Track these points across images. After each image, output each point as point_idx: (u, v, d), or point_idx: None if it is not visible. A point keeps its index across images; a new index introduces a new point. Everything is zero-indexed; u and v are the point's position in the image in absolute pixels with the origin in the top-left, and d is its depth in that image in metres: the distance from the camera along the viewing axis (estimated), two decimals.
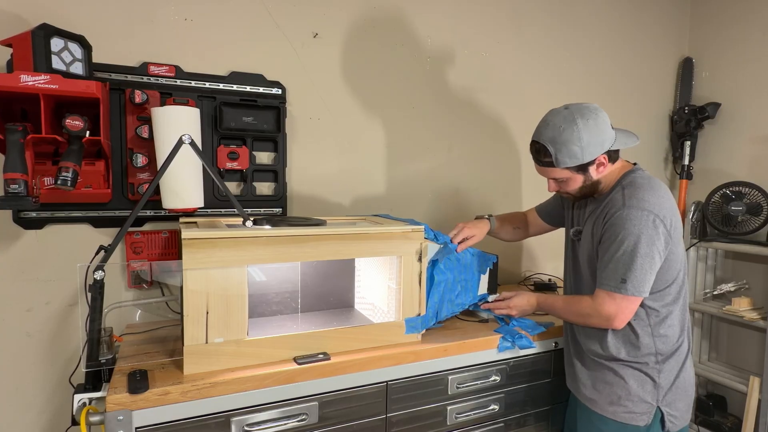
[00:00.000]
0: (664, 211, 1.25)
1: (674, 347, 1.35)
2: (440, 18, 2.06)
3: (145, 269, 1.59)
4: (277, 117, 1.71)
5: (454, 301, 1.55)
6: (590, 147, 1.29)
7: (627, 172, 1.37)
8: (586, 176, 1.34)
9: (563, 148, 1.30)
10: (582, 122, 1.29)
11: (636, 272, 1.25)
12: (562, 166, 1.32)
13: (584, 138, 1.28)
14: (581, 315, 1.36)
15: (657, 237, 1.24)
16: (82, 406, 1.15)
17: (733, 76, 2.48)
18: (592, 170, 1.33)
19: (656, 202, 1.26)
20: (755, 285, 2.36)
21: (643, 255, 1.24)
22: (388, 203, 2.01)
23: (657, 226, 1.24)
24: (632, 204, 1.26)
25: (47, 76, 1.24)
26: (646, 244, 1.24)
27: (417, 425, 1.42)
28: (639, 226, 1.24)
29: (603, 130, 1.30)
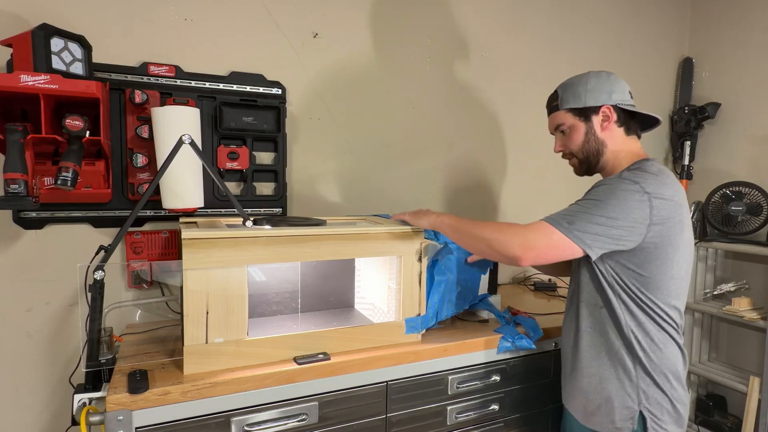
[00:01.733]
0: (660, 193, 1.11)
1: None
2: (440, 18, 2.06)
3: (145, 269, 1.59)
4: (277, 117, 1.71)
5: (455, 301, 1.55)
6: (595, 92, 1.25)
7: (641, 160, 1.24)
8: (589, 127, 1.26)
9: (569, 89, 1.28)
10: (594, 73, 1.28)
11: (588, 222, 1.11)
12: (565, 106, 1.28)
13: (591, 82, 1.26)
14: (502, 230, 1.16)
15: (633, 205, 1.10)
16: (82, 406, 1.15)
17: (733, 76, 2.48)
18: (596, 122, 1.26)
19: (655, 184, 1.12)
20: (755, 285, 2.36)
21: (605, 212, 1.10)
22: (388, 203, 2.01)
23: (641, 199, 1.10)
24: (625, 176, 1.15)
25: (47, 76, 1.24)
26: (614, 204, 1.10)
27: (417, 425, 1.42)
28: (616, 189, 1.12)
29: (613, 84, 1.26)
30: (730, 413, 2.42)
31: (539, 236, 1.13)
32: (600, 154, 1.28)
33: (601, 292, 1.21)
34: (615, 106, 1.25)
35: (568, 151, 1.33)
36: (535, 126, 2.30)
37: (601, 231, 1.10)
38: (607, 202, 1.11)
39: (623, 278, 1.16)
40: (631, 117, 1.28)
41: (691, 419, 2.51)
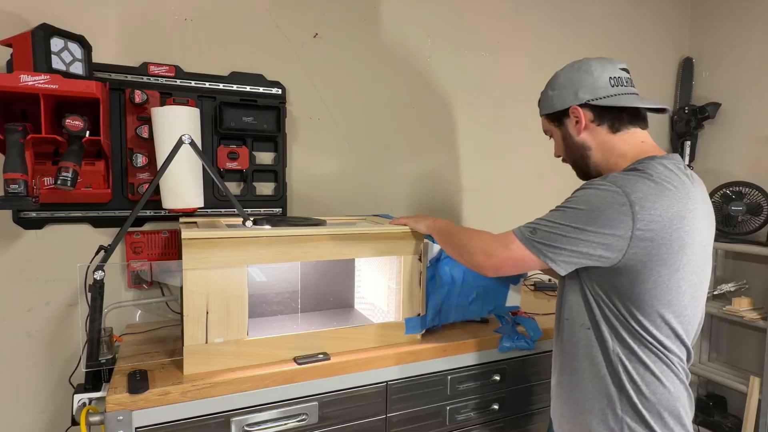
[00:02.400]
0: (650, 201, 0.93)
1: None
2: (440, 18, 2.06)
3: (145, 269, 1.59)
4: (277, 117, 1.71)
5: (468, 307, 1.52)
6: (561, 91, 1.11)
7: (643, 158, 1.03)
8: (564, 132, 1.14)
9: (543, 92, 1.18)
10: (568, 67, 1.13)
11: (553, 233, 0.98)
12: (541, 113, 1.20)
13: (559, 80, 1.13)
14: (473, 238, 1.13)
15: (612, 215, 0.93)
16: (82, 406, 1.15)
17: (733, 76, 2.48)
18: (570, 125, 1.12)
19: (646, 190, 0.94)
20: (755, 285, 2.36)
21: (576, 224, 0.95)
22: (388, 203, 2.01)
23: (621, 208, 0.92)
24: (610, 179, 0.98)
25: (47, 76, 1.24)
26: (589, 215, 0.94)
27: (417, 425, 1.42)
28: (596, 195, 0.96)
29: (582, 78, 1.08)
30: (730, 413, 2.42)
31: (500, 246, 1.06)
32: (586, 158, 1.12)
33: (587, 311, 1.04)
34: (585, 105, 1.08)
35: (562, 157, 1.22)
36: (536, 125, 2.30)
37: (566, 243, 0.97)
38: (578, 210, 0.97)
39: (611, 298, 1.00)
40: (613, 110, 1.08)
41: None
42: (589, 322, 1.04)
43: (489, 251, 1.07)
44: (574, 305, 1.07)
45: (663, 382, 0.99)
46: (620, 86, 1.08)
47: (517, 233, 1.05)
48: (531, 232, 1.02)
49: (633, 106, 1.08)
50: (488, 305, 1.56)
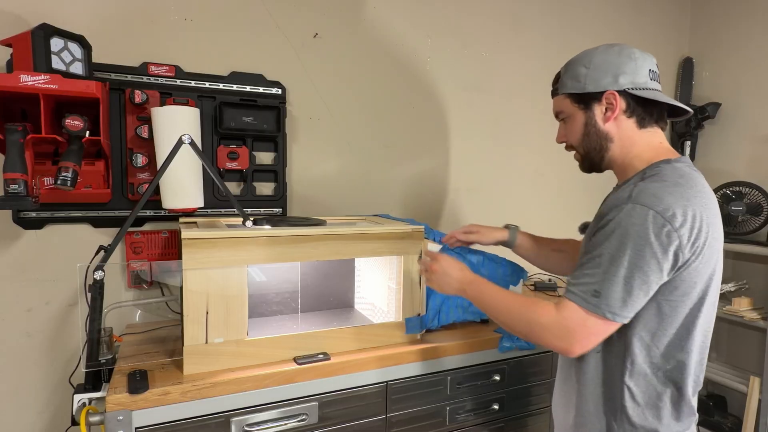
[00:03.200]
0: (685, 215, 0.89)
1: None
2: (440, 18, 2.06)
3: (145, 269, 1.59)
4: (277, 117, 1.71)
5: (468, 308, 1.52)
6: (598, 71, 1.01)
7: (663, 160, 0.99)
8: (589, 117, 1.04)
9: (570, 69, 1.06)
10: (604, 47, 1.02)
11: (615, 287, 0.91)
12: (562, 91, 1.07)
13: (595, 59, 1.02)
14: (531, 323, 0.99)
15: (658, 245, 0.88)
16: (81, 406, 1.15)
17: (733, 76, 2.48)
18: (598, 111, 1.03)
19: (673, 200, 0.89)
20: (755, 285, 2.36)
21: (632, 268, 0.90)
22: (388, 203, 2.01)
23: (661, 230, 0.88)
24: (638, 199, 0.91)
25: (47, 76, 1.24)
26: (638, 252, 0.89)
27: (417, 425, 1.42)
28: (635, 225, 0.90)
29: (624, 63, 1.00)
30: (730, 413, 2.42)
31: (574, 326, 0.94)
32: (603, 150, 1.05)
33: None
34: (623, 92, 1.01)
35: (569, 144, 1.11)
36: (536, 125, 2.30)
37: (635, 294, 0.91)
38: (627, 252, 0.90)
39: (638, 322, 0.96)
40: (647, 105, 1.02)
41: None
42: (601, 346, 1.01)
43: (570, 336, 0.94)
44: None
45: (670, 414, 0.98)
46: (656, 81, 1.03)
47: (582, 304, 0.93)
48: (595, 296, 0.92)
49: (667, 103, 1.03)
50: None
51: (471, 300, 1.14)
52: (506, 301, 1.05)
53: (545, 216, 2.36)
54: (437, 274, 1.19)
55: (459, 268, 1.18)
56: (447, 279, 1.17)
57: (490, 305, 1.08)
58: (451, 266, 1.18)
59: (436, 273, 1.19)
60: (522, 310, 1.01)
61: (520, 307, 1.02)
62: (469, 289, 1.13)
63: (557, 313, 0.96)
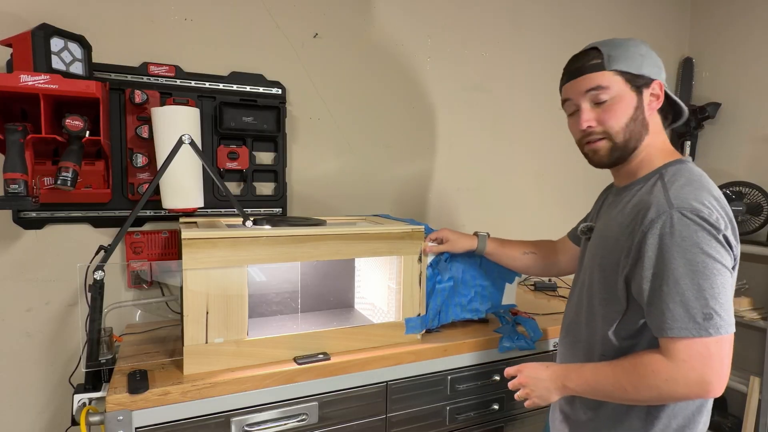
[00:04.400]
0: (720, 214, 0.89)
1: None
2: (440, 18, 2.06)
3: (145, 269, 1.59)
4: (277, 117, 1.71)
5: (466, 306, 1.53)
6: (650, 59, 0.99)
7: (677, 160, 1.00)
8: (640, 102, 0.99)
9: (618, 48, 0.99)
10: (638, 40, 1.03)
11: (719, 298, 0.85)
12: (615, 67, 0.97)
13: (642, 48, 1.00)
14: (654, 387, 0.89)
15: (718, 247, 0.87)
16: (82, 406, 1.15)
17: (733, 76, 2.48)
18: (646, 97, 1.00)
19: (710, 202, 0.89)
20: (755, 285, 2.36)
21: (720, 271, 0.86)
22: (388, 203, 2.01)
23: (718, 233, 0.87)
24: (681, 205, 0.88)
25: (47, 76, 1.24)
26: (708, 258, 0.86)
27: (417, 425, 1.42)
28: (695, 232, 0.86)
29: (657, 60, 1.02)
30: (730, 413, 2.42)
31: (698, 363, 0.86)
32: (640, 141, 1.01)
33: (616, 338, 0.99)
34: (664, 86, 1.02)
35: (600, 129, 1.01)
36: (536, 124, 2.30)
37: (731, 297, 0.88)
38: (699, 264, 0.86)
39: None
40: (671, 104, 1.06)
41: None
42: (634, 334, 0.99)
43: (704, 379, 0.86)
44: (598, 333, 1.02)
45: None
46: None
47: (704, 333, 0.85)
48: (708, 319, 0.85)
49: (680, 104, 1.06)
50: (486, 304, 1.56)
51: (579, 393, 1.02)
52: (614, 377, 0.95)
53: (545, 216, 2.36)
54: (530, 385, 1.07)
55: (543, 367, 1.08)
56: (542, 384, 1.06)
57: (599, 390, 0.98)
58: (534, 369, 1.08)
59: (528, 385, 1.07)
60: (635, 378, 0.91)
61: (631, 375, 0.92)
62: (571, 383, 1.02)
63: (671, 360, 0.87)
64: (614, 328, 1.00)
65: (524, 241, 1.48)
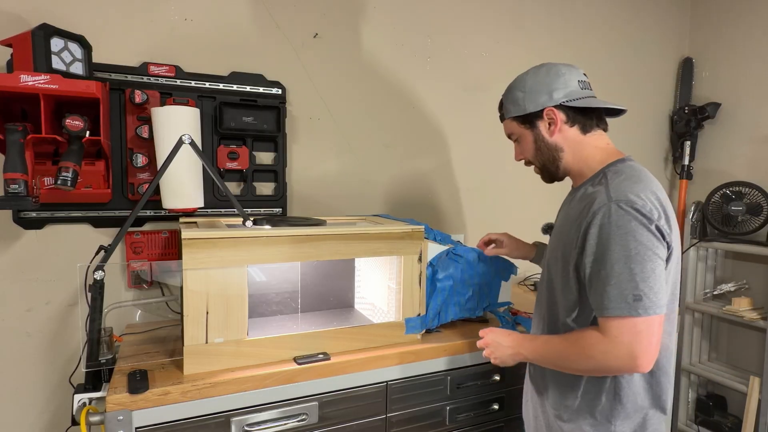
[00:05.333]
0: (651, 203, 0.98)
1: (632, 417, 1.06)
2: (440, 18, 2.06)
3: (145, 269, 1.59)
4: (277, 117, 1.71)
5: (465, 305, 1.53)
6: (533, 94, 1.12)
7: (616, 160, 1.10)
8: (536, 134, 1.14)
9: (509, 95, 1.18)
10: (534, 70, 1.14)
11: (649, 281, 0.94)
12: (507, 116, 1.19)
13: (528, 82, 1.13)
14: (591, 358, 0.99)
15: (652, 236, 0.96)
16: (82, 406, 1.15)
17: (733, 76, 2.48)
18: (542, 127, 1.13)
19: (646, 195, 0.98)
20: (755, 285, 2.36)
21: (650, 258, 0.95)
22: (388, 203, 2.01)
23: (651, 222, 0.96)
24: (619, 198, 0.97)
25: (47, 76, 1.24)
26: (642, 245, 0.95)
27: (417, 425, 1.42)
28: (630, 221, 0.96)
29: (553, 80, 1.11)
30: (730, 413, 2.42)
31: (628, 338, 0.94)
32: (557, 160, 1.15)
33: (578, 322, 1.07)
34: (560, 106, 1.11)
35: (525, 159, 1.23)
36: None
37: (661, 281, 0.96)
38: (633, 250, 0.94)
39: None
40: (584, 112, 1.12)
41: (690, 419, 2.51)
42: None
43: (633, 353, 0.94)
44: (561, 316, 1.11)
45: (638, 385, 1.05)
46: (587, 89, 1.13)
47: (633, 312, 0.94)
48: (638, 300, 0.93)
49: (602, 107, 1.14)
50: (483, 302, 1.57)
51: (531, 360, 1.16)
52: (559, 347, 1.07)
53: (545, 216, 2.36)
54: (493, 347, 1.21)
55: (506, 333, 1.22)
56: (503, 350, 1.19)
57: (547, 358, 1.10)
58: (501, 336, 1.21)
59: (491, 346, 1.22)
60: (576, 350, 1.02)
61: (574, 347, 1.03)
62: (525, 353, 1.15)
63: (605, 336, 0.97)
64: (573, 317, 1.08)
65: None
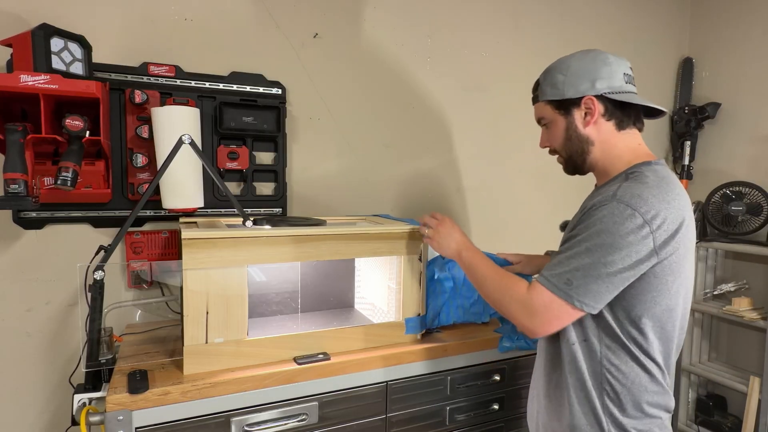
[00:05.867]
0: (662, 217, 0.93)
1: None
2: (440, 18, 2.06)
3: (145, 269, 1.59)
4: (277, 117, 1.71)
5: (469, 309, 1.51)
6: (575, 78, 1.05)
7: (641, 163, 1.03)
8: (569, 122, 1.08)
9: (548, 76, 1.12)
10: (580, 54, 1.07)
11: (588, 279, 0.94)
12: (542, 98, 1.13)
13: (572, 66, 1.06)
14: (504, 294, 1.05)
15: (635, 243, 0.92)
16: (82, 406, 1.15)
17: (733, 76, 2.48)
18: (578, 116, 1.07)
19: (656, 203, 0.93)
20: (755, 285, 2.36)
21: (606, 261, 0.93)
22: (388, 203, 2.01)
23: (642, 232, 0.92)
24: (623, 198, 0.94)
25: (47, 76, 1.24)
26: (614, 247, 0.92)
27: (417, 425, 1.42)
28: (614, 223, 0.93)
29: (599, 68, 1.04)
30: (730, 413, 2.42)
31: (539, 306, 0.98)
32: (585, 153, 1.09)
33: (580, 326, 1.04)
34: (601, 96, 1.05)
35: (552, 148, 1.17)
36: (536, 124, 2.30)
37: (604, 287, 0.94)
38: (603, 244, 0.93)
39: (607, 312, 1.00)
40: (624, 107, 1.07)
41: (690, 419, 2.51)
42: (580, 337, 1.04)
43: (529, 320, 1.00)
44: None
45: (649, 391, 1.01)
46: (631, 84, 1.07)
47: (552, 289, 0.97)
48: (567, 284, 0.96)
49: (643, 105, 1.07)
50: (489, 308, 1.54)
51: (462, 266, 1.20)
52: (490, 272, 1.12)
53: (546, 216, 2.36)
54: (442, 234, 1.25)
55: (462, 233, 1.25)
56: (449, 240, 1.23)
57: (476, 273, 1.15)
58: (456, 230, 1.25)
59: (441, 233, 1.25)
60: (501, 282, 1.08)
61: (501, 279, 1.09)
62: (465, 255, 1.19)
63: (527, 292, 1.02)
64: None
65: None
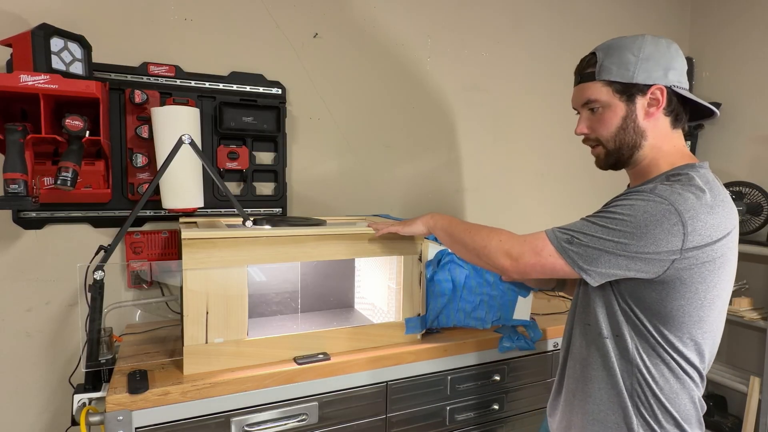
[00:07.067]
0: (701, 219, 0.85)
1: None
2: (440, 18, 2.06)
3: (145, 269, 1.59)
4: (277, 117, 1.71)
5: (471, 314, 1.47)
6: (649, 63, 0.94)
7: (686, 164, 0.96)
8: (630, 110, 0.96)
9: (615, 53, 0.96)
10: (653, 38, 0.95)
11: (591, 248, 0.90)
12: (605, 77, 0.96)
13: (645, 49, 0.94)
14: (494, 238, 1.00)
15: (662, 233, 0.85)
16: (82, 406, 1.15)
17: (734, 76, 2.48)
18: (641, 105, 0.96)
19: (698, 205, 0.86)
20: (755, 285, 2.36)
21: (619, 242, 0.88)
22: (388, 203, 2.01)
23: (672, 226, 0.85)
24: (660, 190, 0.88)
25: (47, 76, 1.24)
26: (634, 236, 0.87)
27: (417, 425, 1.42)
28: (647, 213, 0.86)
29: (673, 58, 0.95)
30: (730, 413, 2.42)
31: (528, 250, 0.95)
32: (636, 148, 0.99)
33: (611, 320, 0.98)
34: (669, 89, 0.95)
35: (594, 136, 1.02)
36: (537, 124, 2.30)
37: (606, 258, 0.89)
38: (624, 224, 0.87)
39: (639, 310, 0.94)
40: (684, 104, 0.99)
41: None
42: (611, 332, 0.98)
43: (514, 254, 0.96)
44: (598, 312, 0.99)
45: (682, 399, 0.95)
46: (687, 81, 0.99)
47: (551, 239, 0.94)
48: (568, 242, 0.92)
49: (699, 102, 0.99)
50: (493, 314, 1.49)
51: (440, 227, 1.18)
52: (473, 224, 1.10)
53: (546, 216, 2.36)
54: (406, 221, 1.30)
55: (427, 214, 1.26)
56: (414, 219, 1.27)
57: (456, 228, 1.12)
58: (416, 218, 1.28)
59: (405, 221, 1.30)
60: (488, 229, 1.05)
61: (488, 227, 1.06)
62: (436, 217, 1.21)
63: (521, 236, 0.99)
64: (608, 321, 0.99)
65: None
